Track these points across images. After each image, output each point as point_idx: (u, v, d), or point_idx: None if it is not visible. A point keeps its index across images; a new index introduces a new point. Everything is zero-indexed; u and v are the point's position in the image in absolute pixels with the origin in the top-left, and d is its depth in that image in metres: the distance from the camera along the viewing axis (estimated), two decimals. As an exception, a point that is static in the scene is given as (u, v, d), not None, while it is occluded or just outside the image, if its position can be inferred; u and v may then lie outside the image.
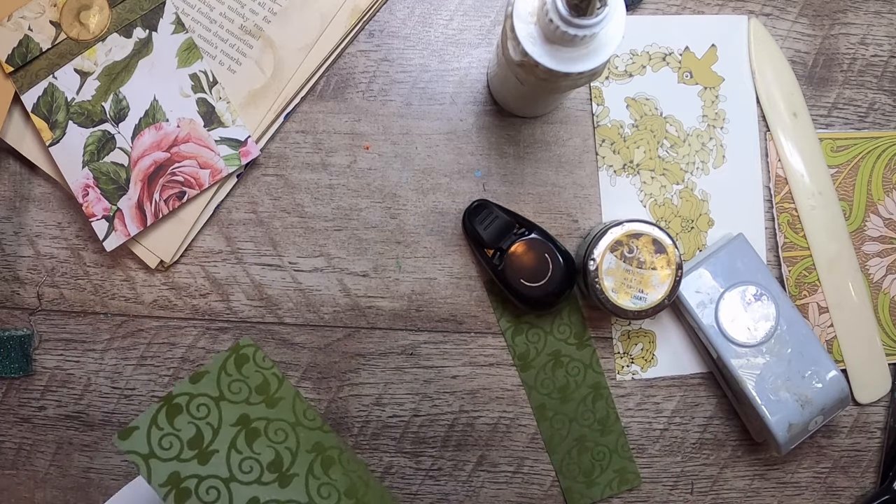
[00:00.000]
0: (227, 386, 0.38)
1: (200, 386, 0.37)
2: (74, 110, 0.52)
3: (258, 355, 0.38)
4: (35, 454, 0.54)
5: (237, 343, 0.39)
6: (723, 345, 0.51)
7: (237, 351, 0.39)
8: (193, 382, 0.37)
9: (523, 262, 0.51)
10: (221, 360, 0.39)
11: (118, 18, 0.52)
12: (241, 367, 0.39)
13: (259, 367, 0.38)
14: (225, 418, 0.37)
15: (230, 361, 0.39)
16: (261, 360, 0.38)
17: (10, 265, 0.54)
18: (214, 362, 0.39)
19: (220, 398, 0.38)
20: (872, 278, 0.56)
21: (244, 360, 0.38)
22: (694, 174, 0.55)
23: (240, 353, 0.39)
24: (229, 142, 0.52)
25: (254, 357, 0.38)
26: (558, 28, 0.38)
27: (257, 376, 0.38)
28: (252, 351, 0.39)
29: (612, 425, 0.55)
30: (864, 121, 0.56)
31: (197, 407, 0.37)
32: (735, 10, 0.55)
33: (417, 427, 0.55)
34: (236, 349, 0.39)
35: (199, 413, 0.37)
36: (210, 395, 0.37)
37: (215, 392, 0.38)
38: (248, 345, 0.38)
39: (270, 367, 0.38)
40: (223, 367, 0.38)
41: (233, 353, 0.39)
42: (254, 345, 0.38)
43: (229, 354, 0.39)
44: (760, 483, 0.56)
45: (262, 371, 0.38)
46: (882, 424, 0.56)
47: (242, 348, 0.39)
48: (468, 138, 0.55)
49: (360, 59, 0.55)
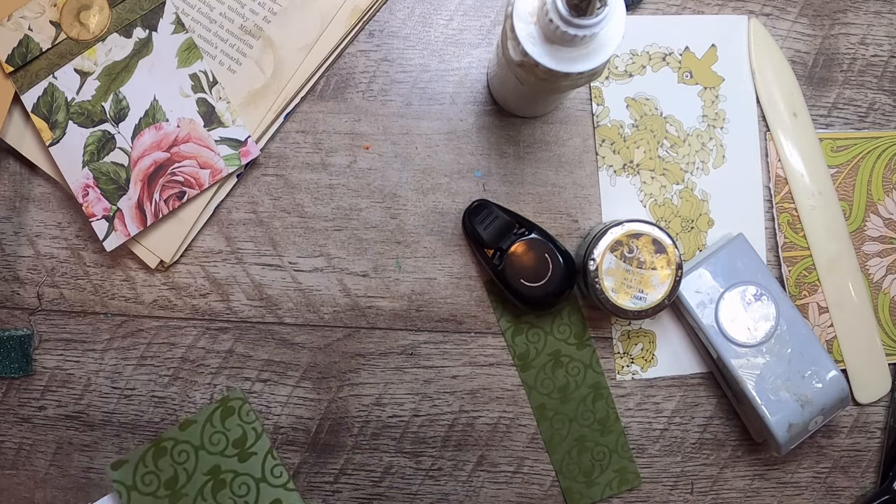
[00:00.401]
0: (209, 437, 0.42)
1: (186, 434, 0.41)
2: (74, 110, 0.52)
3: (244, 409, 0.41)
4: (35, 454, 0.54)
5: (226, 395, 0.41)
6: (723, 345, 0.51)
7: (225, 403, 0.42)
8: (181, 430, 0.41)
9: (523, 262, 0.51)
10: (210, 411, 0.43)
11: (118, 18, 0.52)
12: (226, 420, 0.42)
13: (241, 421, 0.41)
14: (200, 466, 0.41)
15: (217, 413, 0.43)
16: (245, 415, 0.41)
17: (10, 265, 0.54)
18: (203, 412, 0.43)
19: (200, 447, 0.41)
20: (872, 278, 0.56)
21: (230, 412, 0.42)
22: (694, 174, 0.55)
23: (227, 406, 0.42)
24: (229, 142, 0.52)
25: (239, 410, 0.41)
26: (558, 28, 0.38)
27: (238, 430, 0.42)
28: (239, 404, 0.42)
29: (612, 425, 0.55)
30: (864, 121, 0.56)
31: (179, 452, 0.41)
32: (735, 10, 0.55)
33: (417, 427, 0.55)
34: (224, 401, 0.42)
35: (179, 458, 0.41)
36: (192, 443, 0.41)
37: (197, 441, 0.41)
38: (237, 398, 0.41)
39: (252, 422, 0.41)
40: (209, 418, 0.42)
41: (221, 406, 0.43)
42: (242, 398, 0.41)
43: (217, 406, 0.43)
44: (760, 483, 0.56)
45: (244, 425, 0.42)
46: (882, 424, 0.56)
47: (231, 401, 0.42)
48: (468, 138, 0.55)
49: (360, 59, 0.55)
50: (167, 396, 0.53)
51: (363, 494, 0.54)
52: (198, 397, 0.53)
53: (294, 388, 0.54)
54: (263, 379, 0.54)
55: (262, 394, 0.53)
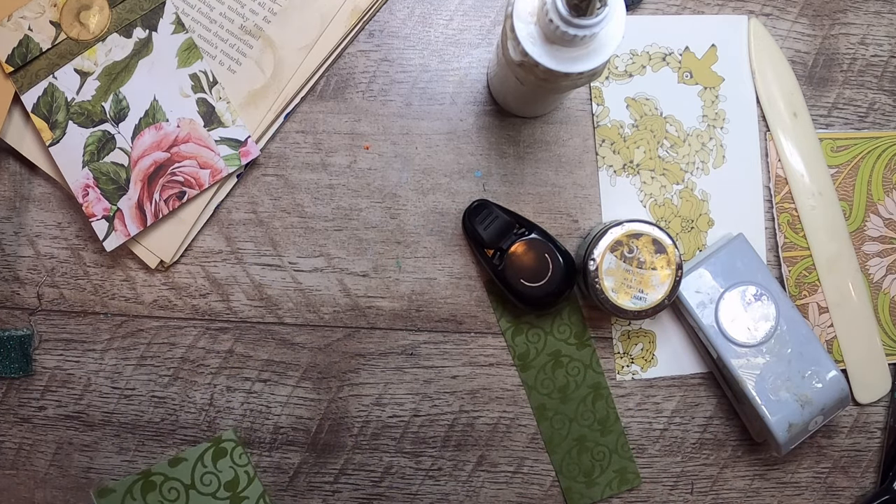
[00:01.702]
0: (200, 477, 0.41)
1: (176, 471, 0.40)
2: (74, 110, 0.52)
3: (236, 451, 0.40)
4: (35, 454, 0.54)
5: (219, 435, 0.40)
6: (723, 345, 0.51)
7: (217, 443, 0.41)
8: (171, 466, 0.40)
9: (523, 262, 0.51)
10: (201, 450, 0.41)
11: (118, 18, 0.52)
12: (217, 461, 0.41)
13: (234, 464, 0.40)
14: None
15: (208, 454, 0.41)
16: (238, 457, 0.40)
17: (10, 265, 0.54)
18: (194, 451, 0.41)
19: (191, 486, 0.40)
20: (872, 278, 0.56)
21: (222, 453, 0.41)
22: (694, 174, 0.55)
23: (219, 447, 0.41)
24: (229, 142, 0.52)
25: (231, 453, 0.40)
26: (558, 28, 0.38)
27: (230, 472, 0.41)
28: (231, 446, 0.41)
29: (612, 425, 0.55)
30: (864, 121, 0.56)
31: (168, 489, 0.40)
32: (735, 10, 0.55)
33: (417, 427, 0.55)
34: (217, 441, 0.41)
35: (169, 495, 0.40)
36: (183, 481, 0.40)
37: (188, 480, 0.40)
38: (230, 440, 0.40)
39: (245, 465, 0.40)
40: (201, 457, 0.41)
41: (213, 446, 0.42)
42: (235, 440, 0.40)
43: (210, 446, 0.42)
44: (760, 483, 0.56)
45: (236, 468, 0.41)
46: (882, 424, 0.56)
47: (223, 442, 0.41)
48: (468, 138, 0.55)
49: (360, 59, 0.55)
50: (167, 396, 0.53)
51: (363, 494, 0.54)
52: (198, 397, 0.53)
53: (294, 388, 0.54)
54: (263, 379, 0.54)
55: (262, 394, 0.53)
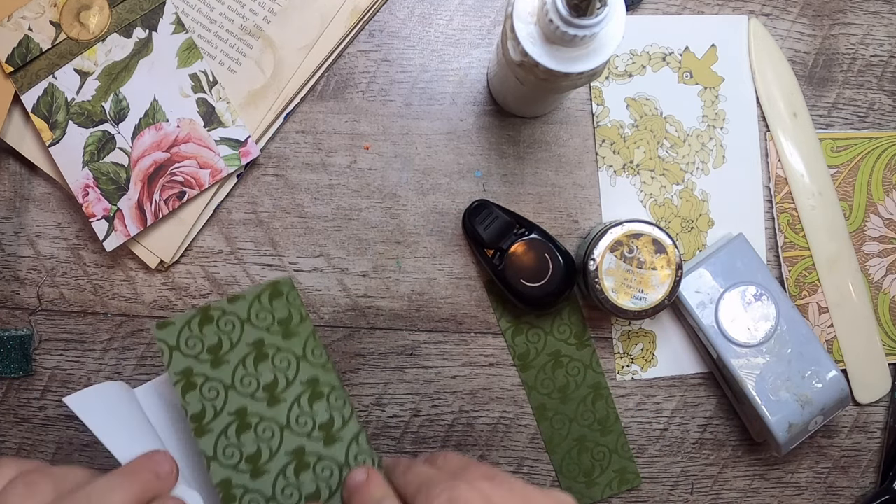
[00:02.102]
0: (256, 313, 0.43)
1: (234, 307, 0.42)
2: (74, 110, 0.52)
3: (292, 294, 0.43)
4: (35, 454, 0.54)
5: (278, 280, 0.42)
6: (723, 345, 0.51)
7: (275, 286, 0.44)
8: (230, 302, 0.43)
9: (523, 262, 0.51)
10: (258, 290, 0.44)
11: (118, 18, 0.52)
12: (273, 301, 0.44)
13: (288, 304, 0.43)
14: (244, 338, 0.42)
15: (266, 293, 0.44)
16: (293, 299, 0.43)
17: (10, 265, 0.54)
18: (252, 290, 0.44)
19: (247, 320, 0.43)
20: (872, 278, 0.56)
21: (278, 294, 0.44)
22: (694, 174, 0.55)
23: (276, 289, 0.44)
24: (229, 142, 0.52)
25: (287, 295, 0.43)
26: (558, 28, 0.38)
27: (283, 310, 0.43)
28: (287, 289, 0.44)
29: (612, 425, 0.55)
30: (864, 121, 0.56)
31: (225, 322, 0.42)
32: (735, 10, 0.55)
33: (417, 427, 0.55)
34: (274, 285, 0.43)
35: (225, 327, 0.42)
36: (239, 315, 0.43)
37: (244, 315, 0.43)
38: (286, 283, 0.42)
39: (299, 306, 0.42)
40: (258, 297, 0.43)
41: (270, 287, 0.44)
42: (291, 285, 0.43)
43: (266, 287, 0.44)
44: (760, 483, 0.56)
45: (290, 307, 0.44)
46: (882, 424, 0.56)
47: (280, 285, 0.44)
48: (468, 138, 0.55)
49: (360, 59, 0.55)
50: (167, 396, 0.53)
51: (363, 494, 0.54)
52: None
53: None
54: (263, 379, 0.54)
55: (262, 394, 0.53)
